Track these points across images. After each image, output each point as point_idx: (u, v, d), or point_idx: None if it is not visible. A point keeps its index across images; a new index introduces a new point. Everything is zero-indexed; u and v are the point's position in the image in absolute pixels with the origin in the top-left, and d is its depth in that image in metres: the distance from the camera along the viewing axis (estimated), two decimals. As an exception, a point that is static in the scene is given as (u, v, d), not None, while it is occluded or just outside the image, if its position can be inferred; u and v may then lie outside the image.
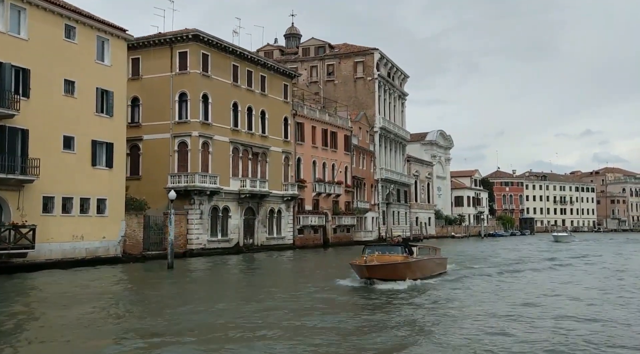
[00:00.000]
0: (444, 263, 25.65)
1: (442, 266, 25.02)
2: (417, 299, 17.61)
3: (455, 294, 18.85)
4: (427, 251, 24.62)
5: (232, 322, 13.47)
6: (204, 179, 37.53)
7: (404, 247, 21.48)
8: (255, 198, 42.67)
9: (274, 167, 45.69)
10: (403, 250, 21.19)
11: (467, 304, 16.62)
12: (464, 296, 18.42)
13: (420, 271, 21.50)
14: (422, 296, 18.21)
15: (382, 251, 21.24)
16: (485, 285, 21.49)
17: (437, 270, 23.90)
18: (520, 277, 24.97)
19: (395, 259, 20.40)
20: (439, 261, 24.86)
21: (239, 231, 41.36)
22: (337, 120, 56.05)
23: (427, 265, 22.74)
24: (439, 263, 24.86)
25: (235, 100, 41.73)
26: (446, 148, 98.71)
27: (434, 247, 26.23)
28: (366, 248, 21.86)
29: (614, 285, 22.04)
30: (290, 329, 12.60)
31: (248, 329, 12.53)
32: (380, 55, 67.69)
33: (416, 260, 21.49)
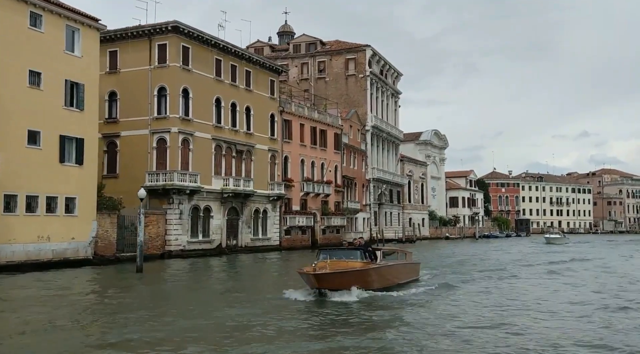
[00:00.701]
0: (415, 269, 22.54)
1: (413, 273, 21.89)
2: (365, 313, 14.35)
3: (411, 311, 15.22)
4: (395, 256, 21.87)
5: (150, 338, 11.63)
6: (183, 177, 35.88)
7: (364, 252, 18.37)
8: (239, 197, 41.03)
9: (260, 165, 44.06)
10: (363, 255, 18.14)
11: (418, 324, 13.15)
12: (419, 316, 14.41)
13: (384, 279, 18.56)
14: (372, 310, 14.82)
15: (338, 257, 18.03)
16: (452, 299, 17.59)
17: (407, 277, 20.80)
18: (498, 288, 20.66)
19: (352, 265, 17.42)
20: (409, 268, 21.72)
21: (221, 232, 39.71)
22: (326, 118, 54.45)
23: (394, 272, 19.69)
24: (410, 269, 21.73)
25: (218, 96, 40.10)
26: (441, 148, 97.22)
27: (403, 251, 23.09)
28: (320, 252, 18.67)
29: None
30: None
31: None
32: (373, 52, 66.14)
33: (379, 267, 18.42)
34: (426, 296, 18.03)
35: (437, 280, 22.32)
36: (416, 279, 21.77)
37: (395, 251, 22.46)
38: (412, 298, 17.46)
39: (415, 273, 22.14)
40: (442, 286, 20.35)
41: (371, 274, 17.72)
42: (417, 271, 22.54)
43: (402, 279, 20.14)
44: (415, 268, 22.57)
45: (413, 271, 22.05)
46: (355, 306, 15.49)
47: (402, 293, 18.06)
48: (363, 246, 19.57)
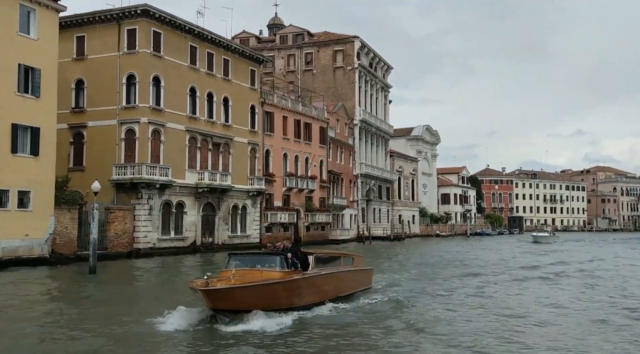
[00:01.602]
0: (366, 277, 18.48)
1: (362, 282, 17.81)
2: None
3: (342, 341, 11.47)
4: (336, 262, 16.54)
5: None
6: (152, 171, 33.74)
7: (284, 258, 13.74)
8: (215, 192, 38.92)
9: (239, 159, 41.95)
10: (284, 262, 13.66)
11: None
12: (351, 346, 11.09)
13: (317, 292, 14.57)
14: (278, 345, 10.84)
15: (251, 264, 13.71)
16: (387, 324, 13.26)
17: (352, 288, 16.85)
18: (460, 304, 16.25)
19: (269, 276, 13.08)
20: (356, 275, 17.51)
21: (196, 229, 37.60)
22: (311, 111, 52.36)
23: (333, 282, 15.55)
24: (358, 277, 17.61)
25: (193, 85, 37.94)
26: (433, 144, 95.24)
27: (349, 255, 18.25)
28: (231, 257, 14.20)
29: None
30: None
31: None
32: (361, 44, 64.02)
33: (307, 277, 14.05)
34: (364, 315, 14.07)
35: (392, 291, 18.43)
36: (367, 288, 18.04)
37: (337, 255, 17.39)
38: (340, 319, 13.38)
39: (365, 281, 18.24)
40: (390, 301, 16.29)
41: (295, 287, 13.60)
42: (368, 279, 18.64)
43: (345, 290, 16.27)
44: (366, 276, 18.55)
45: (362, 279, 18.00)
46: (257, 340, 11.13)
47: (326, 311, 13.99)
48: (290, 249, 14.66)
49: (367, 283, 18.39)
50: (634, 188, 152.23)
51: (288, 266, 13.73)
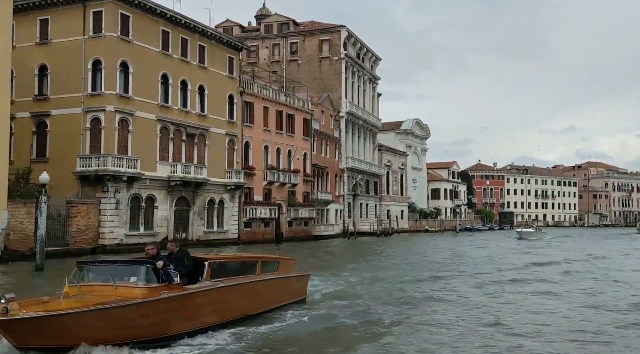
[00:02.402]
0: (298, 286, 14.59)
1: (290, 293, 14.04)
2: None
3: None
4: (250, 268, 12.68)
5: None
6: (119, 162, 31.69)
7: (152, 268, 9.97)
8: (189, 186, 36.93)
9: (216, 151, 39.94)
10: (150, 275, 9.92)
11: None
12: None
13: (210, 313, 10.87)
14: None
15: (106, 277, 9.96)
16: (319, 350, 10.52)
17: (274, 302, 13.15)
18: (397, 323, 12.63)
19: (125, 294, 9.53)
20: (280, 286, 13.59)
21: (168, 224, 35.62)
22: (294, 102, 50.37)
23: (237, 297, 11.73)
24: (282, 288, 13.70)
25: (165, 72, 35.86)
26: (423, 138, 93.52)
27: (273, 259, 14.22)
28: (81, 267, 10.48)
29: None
30: None
31: None
32: (348, 33, 62.02)
33: (182, 295, 10.22)
34: (268, 343, 10.44)
35: (331, 304, 14.50)
36: (300, 300, 14.36)
37: (251, 260, 13.27)
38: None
39: (296, 291, 14.40)
40: (318, 319, 12.60)
41: (154, 309, 9.56)
42: (301, 288, 14.78)
43: (262, 305, 12.55)
44: (298, 284, 14.66)
45: (290, 289, 14.13)
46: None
47: (215, 340, 10.31)
48: (169, 256, 10.87)
49: (298, 293, 14.56)
50: (626, 183, 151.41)
51: (159, 280, 9.86)
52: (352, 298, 15.88)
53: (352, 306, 14.58)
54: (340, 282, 19.15)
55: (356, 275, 21.79)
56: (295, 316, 12.73)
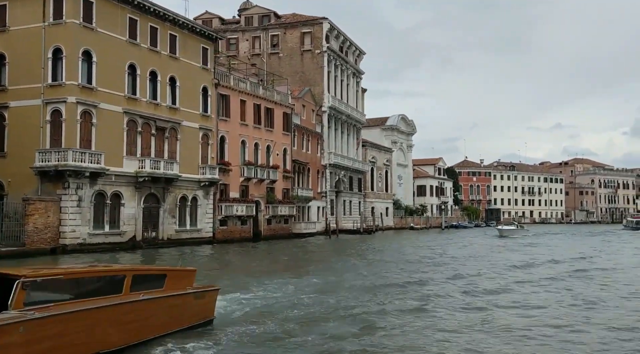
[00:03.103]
0: (198, 306, 11.14)
1: (187, 315, 10.79)
2: None
3: None
4: (113, 286, 9.28)
5: None
6: (81, 157, 29.82)
7: None
8: (159, 182, 35.12)
9: (188, 145, 38.14)
10: None
11: None
12: None
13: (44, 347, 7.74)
14: None
15: None
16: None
17: (158, 330, 9.94)
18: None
19: None
20: (167, 307, 10.28)
21: (135, 223, 33.79)
22: (273, 95, 48.63)
23: (79, 331, 8.31)
24: (171, 310, 10.40)
25: (133, 62, 33.99)
26: (408, 134, 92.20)
27: (158, 271, 11.09)
28: None
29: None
30: None
31: None
32: (330, 26, 60.34)
33: None
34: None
35: (244, 328, 11.28)
36: (204, 322, 11.22)
37: (115, 273, 9.59)
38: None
39: (194, 313, 10.98)
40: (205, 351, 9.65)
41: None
42: (203, 309, 11.25)
43: (131, 337, 9.29)
44: (197, 304, 11.08)
45: (184, 310, 10.72)
46: None
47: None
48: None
49: (200, 314, 11.13)
50: (612, 180, 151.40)
51: None
52: (285, 316, 12.52)
53: (273, 331, 11.09)
54: (289, 289, 16.72)
55: (318, 278, 20.02)
56: (177, 349, 9.35)
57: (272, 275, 21.09)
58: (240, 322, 11.87)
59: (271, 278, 19.68)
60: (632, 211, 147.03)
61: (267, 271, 23.52)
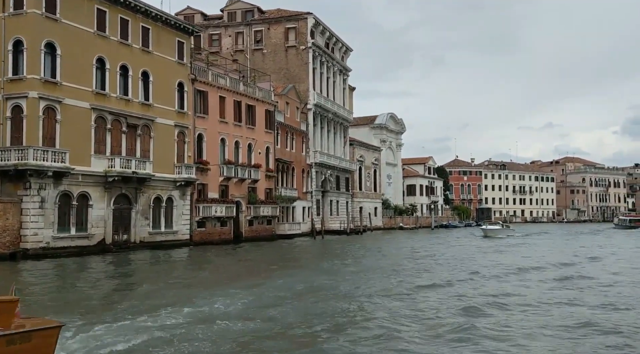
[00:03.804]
0: (23, 351, 6.99)
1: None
2: None
3: None
4: None
5: None
6: (43, 155, 28.03)
7: None
8: (130, 182, 33.37)
9: (163, 143, 36.41)
10: None
11: None
12: None
13: None
14: None
15: None
16: None
17: None
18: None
19: None
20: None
21: (105, 225, 32.02)
22: (255, 92, 46.96)
23: None
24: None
25: (101, 55, 32.21)
26: (397, 133, 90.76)
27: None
28: None
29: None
30: None
31: None
32: (315, 21, 58.74)
33: None
34: None
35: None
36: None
37: None
38: None
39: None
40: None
41: None
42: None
43: None
44: (19, 349, 7.02)
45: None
46: None
47: None
48: None
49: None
50: (603, 178, 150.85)
51: None
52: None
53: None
54: (241, 301, 14.84)
55: (282, 285, 18.32)
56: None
57: (227, 284, 19.22)
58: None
59: (223, 288, 17.78)
60: (624, 209, 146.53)
61: (227, 278, 21.95)
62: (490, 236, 56.08)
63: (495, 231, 58.11)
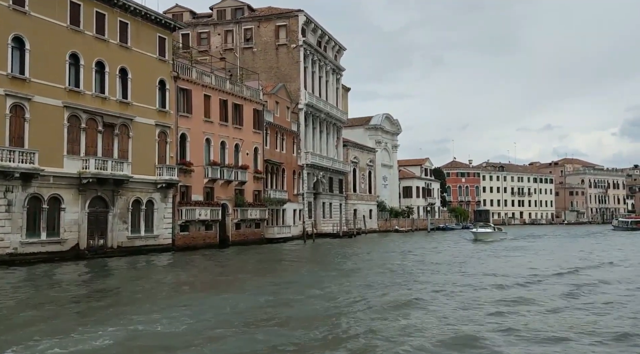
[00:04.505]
0: None
1: None
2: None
3: None
4: None
5: None
6: (10, 156, 26.43)
7: None
8: (107, 184, 31.75)
9: (143, 144, 34.80)
10: None
11: None
12: None
13: None
14: None
15: None
16: None
17: None
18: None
19: None
20: None
21: (79, 230, 30.39)
22: (242, 91, 45.39)
23: None
24: None
25: (75, 51, 30.62)
26: (393, 134, 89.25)
27: None
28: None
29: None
30: None
31: None
32: (307, 19, 57.23)
33: None
34: None
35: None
36: None
37: None
38: None
39: None
40: None
41: None
42: None
43: None
44: None
45: None
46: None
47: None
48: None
49: None
50: (602, 180, 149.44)
51: None
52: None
53: None
54: (185, 322, 13.01)
55: (243, 300, 16.51)
56: None
57: (183, 296, 17.50)
58: None
59: (175, 302, 16.02)
60: (623, 211, 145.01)
61: (189, 288, 20.30)
62: (480, 239, 52.14)
63: (487, 234, 54.42)
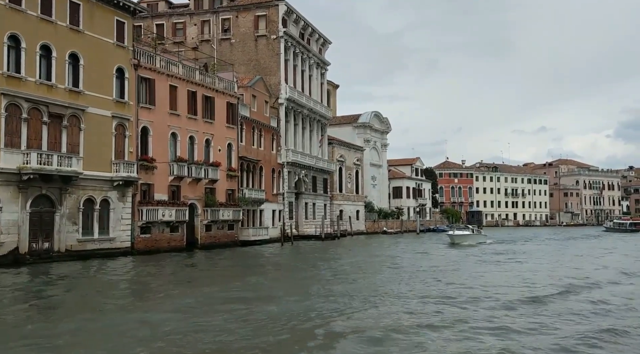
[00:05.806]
0: None
1: None
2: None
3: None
4: None
5: None
6: None
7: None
8: (53, 181, 28.58)
9: (97, 137, 31.62)
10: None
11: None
12: None
13: None
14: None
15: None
16: None
17: None
18: None
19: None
20: None
21: (19, 232, 27.20)
22: (215, 82, 42.29)
23: None
24: None
25: (14, 32, 27.45)
26: (383, 132, 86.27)
27: None
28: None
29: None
30: None
31: None
32: (287, 8, 54.20)
33: None
34: None
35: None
36: None
37: None
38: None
39: None
40: None
41: None
42: None
43: None
44: None
45: None
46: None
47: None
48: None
49: None
50: (597, 181, 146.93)
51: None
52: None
53: None
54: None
55: (165, 318, 13.64)
56: None
57: (100, 308, 14.68)
58: None
59: (87, 316, 13.31)
60: (618, 213, 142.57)
61: (113, 298, 17.28)
62: (459, 243, 46.84)
63: (464, 237, 48.59)
